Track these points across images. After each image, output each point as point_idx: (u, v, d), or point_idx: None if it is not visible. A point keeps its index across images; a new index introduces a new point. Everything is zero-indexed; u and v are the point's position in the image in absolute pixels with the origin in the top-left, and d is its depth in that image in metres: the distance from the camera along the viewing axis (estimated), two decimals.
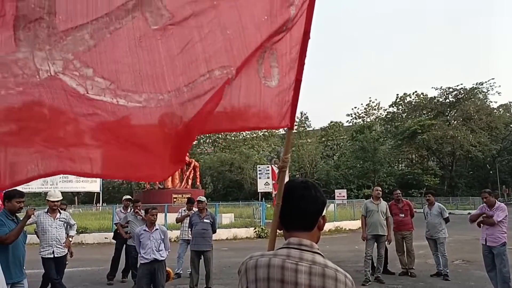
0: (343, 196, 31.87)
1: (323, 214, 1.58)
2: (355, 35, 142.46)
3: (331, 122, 68.60)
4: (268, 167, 27.36)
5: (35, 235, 7.19)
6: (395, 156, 58.21)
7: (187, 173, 25.35)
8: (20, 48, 1.34)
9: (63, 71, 1.41)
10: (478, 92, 56.22)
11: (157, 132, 1.58)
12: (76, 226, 7.71)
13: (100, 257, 12.12)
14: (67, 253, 7.08)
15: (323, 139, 67.79)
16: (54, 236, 6.67)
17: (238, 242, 17.33)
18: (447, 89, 56.90)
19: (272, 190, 16.36)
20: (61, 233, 6.79)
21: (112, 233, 10.95)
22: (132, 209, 8.89)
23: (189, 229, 8.49)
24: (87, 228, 18.11)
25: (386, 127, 65.61)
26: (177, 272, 9.41)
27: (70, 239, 7.15)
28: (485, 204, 7.40)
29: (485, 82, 55.43)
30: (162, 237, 6.50)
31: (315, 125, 73.32)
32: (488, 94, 57.01)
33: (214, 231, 8.22)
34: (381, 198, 9.13)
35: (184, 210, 9.69)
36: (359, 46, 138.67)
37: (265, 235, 17.93)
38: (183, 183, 24.83)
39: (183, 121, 1.58)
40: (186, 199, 10.61)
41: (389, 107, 66.11)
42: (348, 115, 74.45)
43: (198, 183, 26.14)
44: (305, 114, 69.91)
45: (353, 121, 70.43)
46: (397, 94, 66.10)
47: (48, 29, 1.37)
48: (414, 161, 62.25)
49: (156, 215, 6.64)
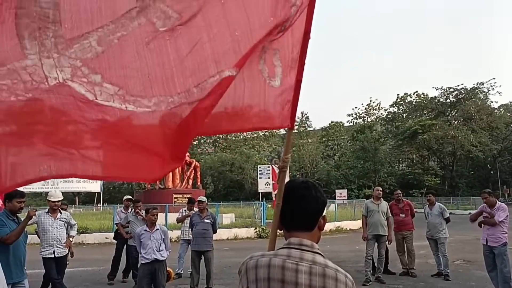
0: (344, 196, 31.86)
1: (323, 214, 1.58)
2: (355, 35, 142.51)
3: (331, 122, 68.64)
4: (268, 167, 27.34)
5: (36, 235, 7.20)
6: (396, 156, 58.16)
7: (188, 173, 25.37)
8: (28, 56, 1.35)
9: (72, 78, 1.41)
10: (478, 92, 56.16)
11: (159, 132, 1.58)
12: (77, 226, 7.71)
13: (100, 257, 12.13)
14: (68, 253, 7.09)
15: (324, 139, 67.77)
16: (55, 236, 6.68)
17: (238, 242, 17.33)
18: (447, 89, 56.88)
19: (272, 190, 16.34)
20: (61, 233, 6.79)
21: (113, 233, 10.96)
22: (133, 209, 8.89)
23: (190, 229, 8.50)
24: (88, 228, 18.12)
25: (386, 127, 65.57)
26: (178, 272, 9.42)
27: (71, 239, 7.16)
28: (485, 204, 7.40)
29: (486, 82, 55.46)
30: (163, 237, 6.50)
31: (315, 125, 73.51)
32: (489, 94, 57.04)
33: (214, 231, 8.22)
34: (381, 198, 9.12)
35: (185, 210, 9.70)
36: (359, 46, 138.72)
37: (266, 235, 17.92)
38: (183, 183, 24.85)
39: (182, 117, 1.58)
40: (186, 199, 10.62)
41: (390, 107, 66.16)
42: (348, 115, 74.45)
43: (198, 183, 26.16)
44: (306, 114, 69.98)
45: (353, 121, 70.44)
46: (397, 94, 66.18)
47: (55, 38, 1.38)
48: (414, 161, 62.20)
49: (157, 215, 6.64)
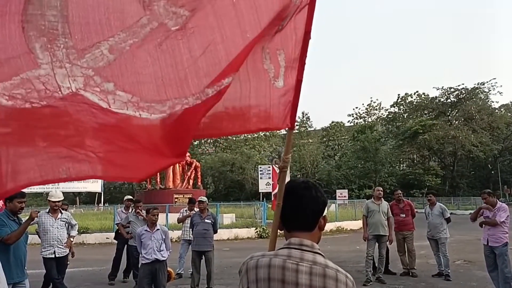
0: (344, 196, 31.87)
1: (324, 214, 1.58)
2: (356, 35, 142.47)
3: (332, 122, 68.66)
4: (269, 167, 27.34)
5: (37, 235, 7.20)
6: (397, 156, 58.13)
7: (189, 174, 25.39)
8: (41, 66, 1.36)
9: (84, 87, 1.41)
10: (479, 92, 56.09)
11: (171, 131, 1.58)
12: (78, 226, 7.71)
13: (101, 257, 12.14)
14: (69, 253, 7.09)
15: (324, 139, 67.79)
16: (56, 236, 6.68)
17: (239, 242, 17.34)
18: (448, 89, 56.81)
19: (272, 190, 16.32)
20: (62, 233, 6.80)
21: (114, 233, 10.96)
22: (134, 209, 8.89)
23: (191, 229, 8.50)
24: (89, 228, 18.12)
25: (387, 127, 65.52)
26: (179, 272, 9.42)
27: (72, 239, 7.16)
28: (485, 204, 7.41)
29: (487, 82, 55.41)
30: (163, 237, 6.50)
31: (316, 125, 73.55)
32: (490, 94, 56.93)
33: (215, 231, 8.22)
34: (382, 198, 9.12)
35: (186, 210, 9.70)
36: (360, 46, 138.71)
37: (266, 235, 17.92)
38: (184, 183, 24.87)
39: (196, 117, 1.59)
40: (187, 199, 10.62)
41: (391, 107, 66.09)
42: (349, 115, 74.52)
43: (199, 183, 26.18)
44: (307, 114, 70.04)
45: (354, 121, 70.42)
46: (398, 94, 66.16)
47: (66, 49, 1.39)
48: (415, 161, 62.14)
49: (157, 215, 6.63)
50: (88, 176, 1.45)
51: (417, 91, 62.70)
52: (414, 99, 63.00)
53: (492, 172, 56.80)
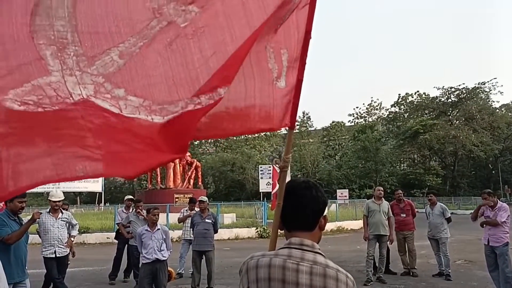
0: (345, 196, 31.89)
1: (324, 214, 1.58)
2: (357, 35, 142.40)
3: (333, 122, 68.64)
4: (269, 167, 27.36)
5: (37, 235, 7.20)
6: (397, 156, 58.09)
7: (189, 173, 25.39)
8: (52, 73, 1.37)
9: (95, 94, 1.42)
10: (480, 91, 56.01)
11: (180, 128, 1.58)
12: (78, 226, 7.71)
13: (102, 257, 12.14)
14: (69, 253, 7.10)
15: (325, 139, 67.77)
16: (56, 236, 6.69)
17: (240, 242, 17.33)
18: (449, 89, 56.73)
19: (271, 189, 16.31)
20: (63, 233, 6.80)
21: (114, 233, 10.96)
22: (134, 209, 8.89)
23: (191, 229, 8.50)
24: (89, 228, 18.12)
25: (388, 127, 65.47)
26: (179, 272, 9.42)
27: (72, 239, 7.16)
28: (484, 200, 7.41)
29: (487, 81, 55.29)
30: (164, 237, 6.50)
31: (317, 125, 73.48)
32: (490, 93, 56.82)
33: (215, 231, 8.22)
34: (383, 198, 9.12)
35: (186, 210, 9.70)
36: (361, 46, 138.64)
37: (267, 235, 17.91)
38: (185, 183, 24.87)
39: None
40: (188, 199, 10.62)
41: (391, 107, 66.04)
42: (350, 115, 74.31)
43: (200, 183, 26.17)
44: (307, 114, 70.05)
45: (355, 121, 70.37)
46: (399, 94, 66.01)
47: (76, 57, 1.40)
48: (416, 161, 62.09)
49: (158, 215, 6.64)
50: (103, 174, 1.47)
51: (417, 91, 62.76)
52: (415, 99, 62.96)
53: (493, 172, 56.75)
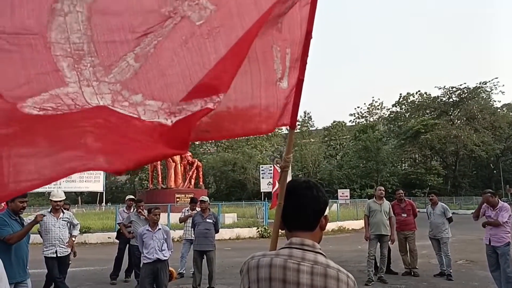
0: (346, 196, 31.92)
1: (325, 214, 1.57)
2: (358, 35, 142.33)
3: (334, 121, 68.61)
4: (270, 167, 27.36)
5: (39, 235, 7.21)
6: (398, 156, 58.04)
7: (190, 173, 25.40)
8: (69, 84, 1.37)
9: (112, 104, 1.41)
10: (481, 91, 55.95)
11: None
12: (79, 226, 7.72)
13: (103, 256, 12.15)
14: (70, 252, 7.10)
15: (326, 138, 67.74)
16: (57, 235, 6.70)
17: (241, 242, 17.34)
18: (450, 89, 56.69)
19: (272, 188, 16.30)
20: (64, 232, 6.81)
21: (115, 233, 10.97)
22: (135, 209, 8.90)
23: (192, 229, 8.50)
24: (90, 228, 18.13)
25: (389, 126, 65.45)
26: (180, 272, 9.42)
27: (73, 238, 7.17)
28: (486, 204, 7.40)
29: (489, 81, 55.26)
30: (165, 237, 6.50)
31: (318, 124, 73.65)
32: (492, 93, 56.79)
33: (217, 231, 8.22)
34: (384, 198, 9.11)
35: (187, 210, 9.70)
36: (362, 46, 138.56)
37: (268, 235, 17.90)
38: (186, 183, 24.88)
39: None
40: (189, 199, 10.63)
41: (392, 106, 66.04)
42: (351, 114, 74.49)
43: (201, 183, 26.17)
44: (309, 114, 70.01)
45: (356, 121, 70.38)
46: (400, 94, 66.07)
47: (93, 67, 1.40)
48: (417, 160, 62.01)
49: (159, 215, 6.64)
50: (102, 167, 1.42)
51: (419, 91, 62.76)
52: (416, 99, 62.93)
53: (494, 171, 56.64)
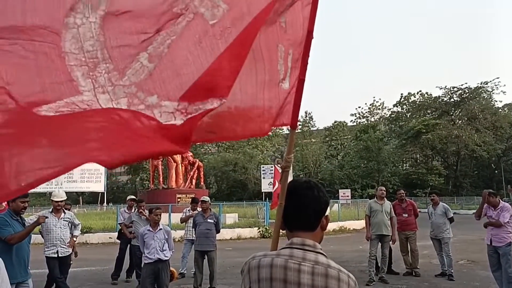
0: (347, 196, 31.91)
1: (326, 214, 1.57)
2: (358, 35, 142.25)
3: (335, 121, 68.60)
4: (271, 167, 27.34)
5: (40, 235, 7.22)
6: (400, 156, 57.97)
7: (191, 173, 25.41)
8: (84, 93, 1.38)
9: (129, 107, 1.41)
10: (482, 91, 55.85)
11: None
12: (81, 226, 7.72)
13: (104, 257, 12.15)
14: (72, 253, 7.11)
15: (327, 138, 67.73)
16: (59, 236, 6.70)
17: (242, 242, 17.34)
18: (451, 89, 56.62)
19: (272, 188, 16.30)
20: (65, 233, 6.82)
21: (117, 233, 10.98)
22: (136, 209, 8.91)
23: (193, 229, 8.50)
24: (92, 228, 18.16)
25: (390, 126, 65.40)
26: (181, 272, 9.43)
27: (75, 239, 7.17)
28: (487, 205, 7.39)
29: (490, 81, 55.13)
30: (166, 237, 6.51)
31: (319, 124, 73.66)
32: (493, 93, 56.68)
33: (218, 231, 8.22)
34: (385, 198, 9.11)
35: (189, 210, 9.70)
36: (363, 46, 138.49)
37: (269, 235, 17.89)
38: (187, 183, 24.90)
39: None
40: (190, 199, 10.63)
41: (393, 106, 66.01)
42: (352, 114, 74.27)
43: (202, 183, 26.20)
44: (310, 114, 69.98)
45: (357, 121, 70.33)
46: (401, 94, 65.96)
47: (108, 73, 1.40)
48: (418, 160, 61.94)
49: (160, 215, 6.64)
50: (102, 159, 1.43)
51: (420, 91, 62.68)
52: (417, 99, 62.86)
53: (496, 171, 56.54)
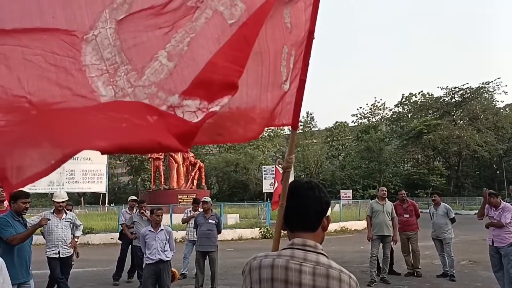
0: (349, 197, 31.85)
1: (327, 214, 1.57)
2: (359, 35, 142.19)
3: (336, 122, 68.59)
4: (273, 167, 27.32)
5: (41, 236, 7.22)
6: (401, 156, 57.93)
7: (193, 174, 25.40)
8: (103, 100, 1.39)
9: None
10: (484, 91, 55.77)
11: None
12: (82, 226, 7.74)
13: (106, 257, 12.16)
14: (73, 253, 7.12)
15: (328, 139, 67.69)
16: (60, 236, 6.71)
17: (243, 242, 17.34)
18: (453, 89, 56.58)
19: (272, 188, 16.31)
20: (67, 233, 6.82)
21: (118, 234, 10.99)
22: (138, 210, 8.92)
23: (195, 229, 8.50)
24: (93, 228, 18.19)
25: (391, 127, 65.36)
26: (183, 272, 9.43)
27: (76, 239, 7.19)
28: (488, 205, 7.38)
29: (491, 81, 55.07)
30: (167, 237, 6.51)
31: (320, 125, 73.41)
32: (495, 93, 56.60)
33: (219, 232, 8.22)
34: (386, 199, 9.09)
35: (190, 210, 9.70)
36: (364, 46, 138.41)
37: (270, 235, 17.88)
38: (188, 184, 24.89)
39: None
40: (191, 200, 10.63)
41: (395, 107, 65.96)
42: (353, 115, 74.36)
43: (203, 184, 26.18)
44: (311, 114, 69.96)
45: (358, 121, 70.30)
46: (402, 94, 65.91)
47: (126, 75, 1.40)
48: (420, 161, 61.88)
49: (161, 215, 6.64)
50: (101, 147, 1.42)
51: (421, 91, 62.67)
52: (419, 99, 62.81)
53: (497, 172, 56.45)
